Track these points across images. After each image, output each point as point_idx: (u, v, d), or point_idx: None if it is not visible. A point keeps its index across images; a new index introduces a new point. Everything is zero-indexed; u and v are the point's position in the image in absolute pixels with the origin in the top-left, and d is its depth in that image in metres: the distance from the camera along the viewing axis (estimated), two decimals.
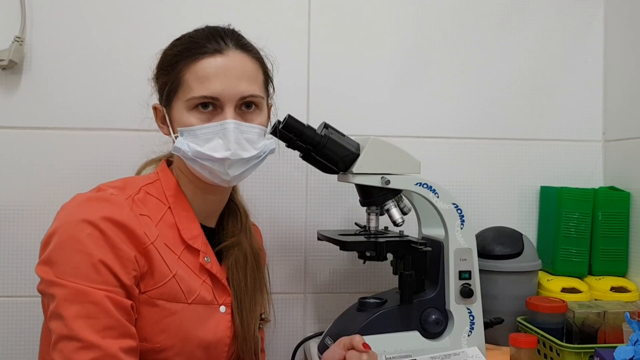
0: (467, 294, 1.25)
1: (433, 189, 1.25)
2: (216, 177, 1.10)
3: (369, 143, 1.22)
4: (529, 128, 1.62)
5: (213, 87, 1.06)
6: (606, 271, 1.52)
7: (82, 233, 0.95)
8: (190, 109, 1.08)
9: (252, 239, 1.25)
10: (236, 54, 1.10)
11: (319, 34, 1.55)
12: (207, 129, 1.07)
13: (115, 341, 0.93)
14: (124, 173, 1.24)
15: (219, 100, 1.07)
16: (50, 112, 1.46)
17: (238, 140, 1.07)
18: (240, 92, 1.08)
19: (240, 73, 1.09)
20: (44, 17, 1.46)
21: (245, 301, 1.17)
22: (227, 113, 1.07)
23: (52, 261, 0.95)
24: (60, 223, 0.98)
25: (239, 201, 1.26)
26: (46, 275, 0.95)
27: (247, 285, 1.18)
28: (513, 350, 1.18)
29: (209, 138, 1.07)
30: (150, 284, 1.02)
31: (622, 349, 1.00)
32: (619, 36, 1.60)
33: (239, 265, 1.19)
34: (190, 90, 1.07)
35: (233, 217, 1.24)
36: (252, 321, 1.18)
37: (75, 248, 0.94)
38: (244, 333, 1.15)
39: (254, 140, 1.10)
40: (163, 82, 1.12)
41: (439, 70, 1.60)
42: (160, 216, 1.08)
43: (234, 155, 1.07)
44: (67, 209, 1.00)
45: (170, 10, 1.50)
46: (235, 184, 1.16)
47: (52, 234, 0.97)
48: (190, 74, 1.08)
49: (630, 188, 1.53)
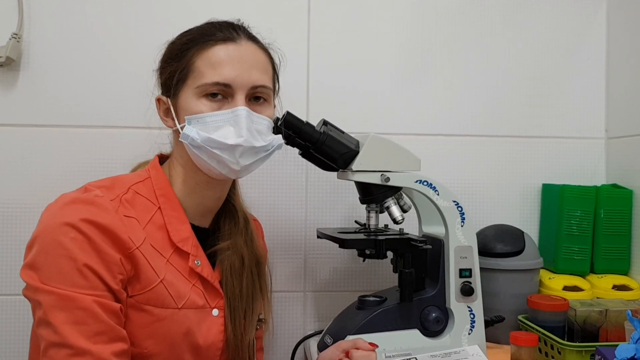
0: (468, 292, 1.24)
1: (433, 186, 1.24)
2: (225, 166, 1.06)
3: (368, 140, 1.21)
4: (531, 125, 1.61)
5: (226, 73, 1.04)
6: (608, 269, 1.51)
7: (65, 237, 0.93)
8: (201, 96, 1.05)
9: (254, 244, 1.21)
10: (248, 44, 1.09)
11: (319, 29, 1.54)
12: (217, 116, 1.04)
13: (107, 346, 0.92)
14: (121, 171, 1.23)
15: (230, 88, 1.05)
16: (48, 110, 1.45)
17: (249, 129, 1.05)
18: (252, 80, 1.06)
19: (254, 62, 1.08)
20: (41, 13, 1.45)
21: (239, 308, 1.13)
22: (239, 100, 1.05)
23: (36, 266, 0.93)
24: (44, 226, 0.95)
25: (238, 205, 1.22)
26: (31, 280, 0.93)
27: (242, 292, 1.15)
28: (514, 348, 1.17)
29: (219, 126, 1.04)
30: (137, 288, 1.00)
31: (623, 347, 0.99)
32: (621, 33, 1.59)
33: (233, 271, 1.15)
34: (202, 77, 1.05)
35: (230, 219, 1.20)
36: (248, 329, 1.15)
37: (59, 253, 0.92)
38: (236, 341, 1.12)
39: (264, 132, 1.08)
40: (171, 71, 1.09)
41: (441, 66, 1.59)
42: (148, 217, 1.05)
43: (247, 142, 1.04)
44: (51, 211, 0.98)
45: (168, 7, 1.49)
46: (243, 175, 1.12)
47: (35, 237, 0.95)
48: (201, 60, 1.06)
49: (633, 185, 1.52)
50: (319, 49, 1.54)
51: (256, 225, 1.29)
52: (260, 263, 1.22)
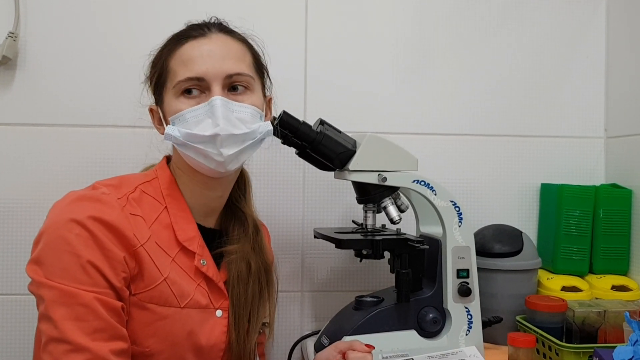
0: (465, 292, 1.23)
1: (431, 186, 1.23)
2: (211, 160, 1.05)
3: (365, 140, 1.20)
4: (530, 125, 1.60)
5: (197, 67, 1.05)
6: (607, 270, 1.50)
7: (70, 233, 0.93)
8: (178, 94, 1.06)
9: (263, 252, 1.20)
10: (219, 36, 1.10)
11: (317, 28, 1.53)
12: (195, 111, 1.04)
13: (106, 344, 0.92)
14: (118, 170, 1.23)
15: (204, 81, 1.05)
16: (45, 109, 1.45)
17: (227, 117, 1.03)
18: (225, 70, 1.06)
19: (225, 53, 1.07)
20: (38, 12, 1.45)
21: (243, 315, 1.13)
22: (215, 92, 1.05)
23: (41, 261, 0.94)
24: (50, 222, 0.96)
25: (249, 212, 1.21)
26: (36, 275, 0.93)
27: (247, 299, 1.14)
28: (511, 350, 1.16)
29: (199, 120, 1.04)
30: (140, 286, 1.00)
31: (621, 349, 0.98)
32: (621, 32, 1.58)
33: (240, 278, 1.14)
34: (176, 75, 1.06)
35: (239, 224, 1.20)
36: (250, 335, 1.14)
37: (63, 249, 0.93)
38: (238, 346, 1.12)
39: (247, 119, 1.07)
40: (153, 79, 1.11)
41: (439, 65, 1.58)
42: (155, 216, 1.06)
43: (223, 131, 1.02)
44: (58, 207, 0.99)
45: (165, 6, 1.48)
46: (231, 167, 1.08)
47: (42, 233, 0.96)
48: (174, 60, 1.07)
49: (632, 185, 1.51)
50: (316, 47, 1.53)
51: (263, 231, 1.29)
52: (269, 272, 1.21)
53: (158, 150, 1.25)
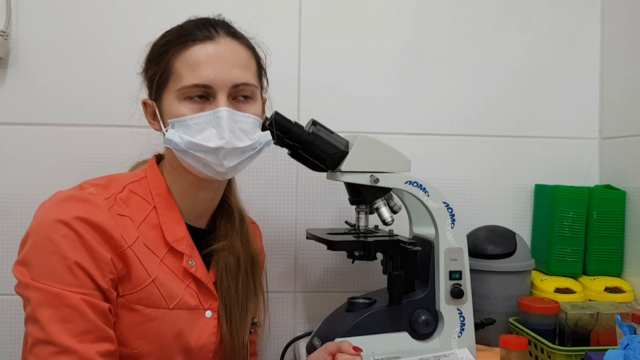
0: (458, 294, 1.23)
1: (423, 187, 1.23)
2: (210, 169, 1.05)
3: (357, 141, 1.20)
4: (524, 125, 1.60)
5: (205, 74, 1.02)
6: (601, 271, 1.49)
7: (57, 234, 0.93)
8: (182, 99, 1.04)
9: (250, 243, 1.20)
10: (227, 41, 1.07)
11: (310, 27, 1.52)
12: (199, 118, 1.03)
13: (92, 345, 0.91)
14: (112, 169, 1.22)
15: (211, 89, 1.03)
16: (37, 108, 1.44)
17: (232, 129, 1.03)
18: (233, 78, 1.04)
19: (233, 59, 1.05)
20: (29, 10, 1.43)
21: (234, 309, 1.13)
22: (220, 101, 1.03)
23: (27, 263, 0.93)
24: (37, 223, 0.95)
25: (234, 203, 1.21)
26: (22, 277, 0.93)
27: (237, 292, 1.14)
28: (503, 352, 1.16)
29: (201, 128, 1.03)
30: (127, 288, 0.99)
31: (612, 353, 0.98)
32: (616, 32, 1.57)
33: (229, 271, 1.14)
34: (181, 79, 1.03)
35: (226, 219, 1.19)
36: (242, 329, 1.14)
37: (50, 250, 0.92)
38: (232, 342, 1.12)
39: (249, 130, 1.06)
40: (152, 73, 1.08)
41: (433, 66, 1.57)
42: (143, 217, 1.05)
43: (229, 144, 1.02)
44: (44, 208, 0.98)
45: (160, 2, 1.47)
46: (230, 176, 1.11)
47: (28, 233, 0.95)
48: (180, 61, 1.04)
49: (626, 187, 1.51)
50: (309, 47, 1.52)
51: (254, 229, 1.28)
52: (256, 263, 1.21)
53: (153, 150, 1.23)
